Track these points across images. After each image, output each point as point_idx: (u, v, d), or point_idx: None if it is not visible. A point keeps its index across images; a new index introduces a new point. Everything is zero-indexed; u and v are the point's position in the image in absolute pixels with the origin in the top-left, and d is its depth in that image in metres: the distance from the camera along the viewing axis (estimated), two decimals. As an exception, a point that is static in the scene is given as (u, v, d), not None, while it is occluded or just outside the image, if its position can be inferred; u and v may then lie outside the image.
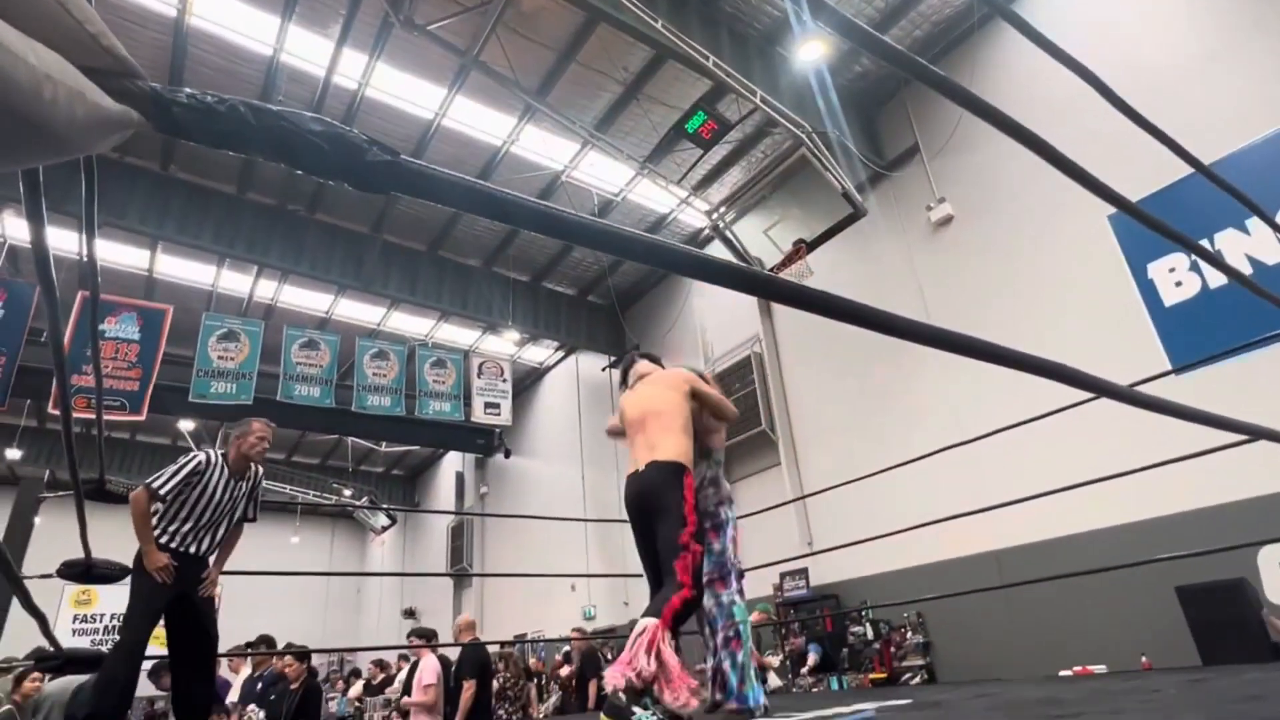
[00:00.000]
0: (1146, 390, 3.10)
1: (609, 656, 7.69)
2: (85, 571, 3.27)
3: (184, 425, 14.57)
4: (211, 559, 3.26)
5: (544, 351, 14.56)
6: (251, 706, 5.43)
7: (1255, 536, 3.98)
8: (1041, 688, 2.96)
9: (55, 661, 3.26)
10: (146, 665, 3.84)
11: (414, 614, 17.56)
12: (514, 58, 7.51)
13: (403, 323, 12.92)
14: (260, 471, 3.47)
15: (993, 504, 4.28)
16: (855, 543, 5.17)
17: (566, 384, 14.13)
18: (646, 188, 9.90)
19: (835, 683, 7.20)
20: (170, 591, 3.03)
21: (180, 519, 3.14)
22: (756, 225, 8.27)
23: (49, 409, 9.07)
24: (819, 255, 7.92)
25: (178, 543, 3.11)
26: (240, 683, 6.36)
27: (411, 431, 14.66)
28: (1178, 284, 6.01)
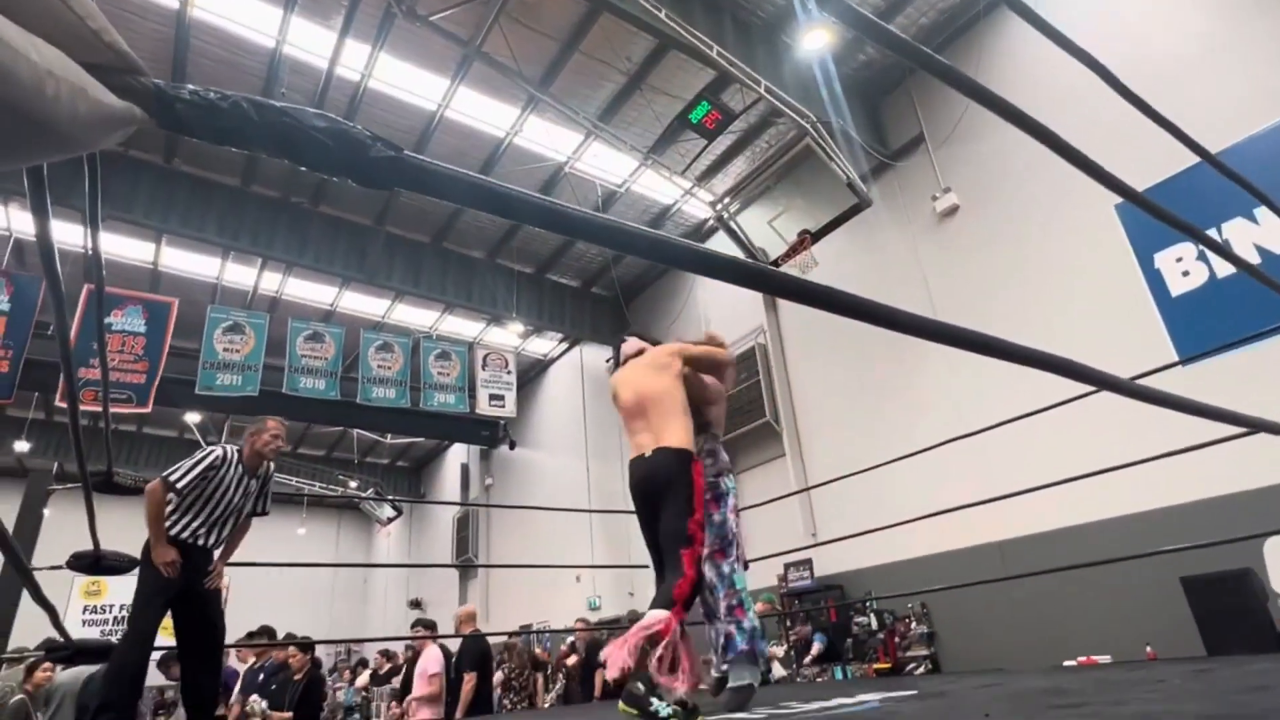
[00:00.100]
0: (1154, 381, 3.10)
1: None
2: (94, 563, 3.30)
3: (190, 418, 14.66)
4: (217, 552, 3.29)
5: (548, 343, 14.57)
6: (254, 696, 5.48)
7: (1261, 527, 3.97)
8: (1046, 678, 2.97)
9: (66, 652, 3.30)
10: (155, 655, 3.88)
11: (420, 604, 17.67)
12: (516, 48, 7.48)
13: (407, 315, 12.95)
14: (272, 468, 3.50)
15: (997, 495, 4.28)
16: (859, 534, 5.18)
17: (571, 376, 14.15)
18: (650, 179, 9.87)
19: (840, 673, 7.23)
20: (177, 583, 3.06)
21: (193, 512, 3.16)
22: (761, 216, 8.26)
23: (56, 402, 9.11)
24: (823, 246, 7.91)
25: (188, 535, 3.14)
26: (242, 673, 6.42)
27: (416, 423, 14.71)
28: (1185, 274, 5.98)
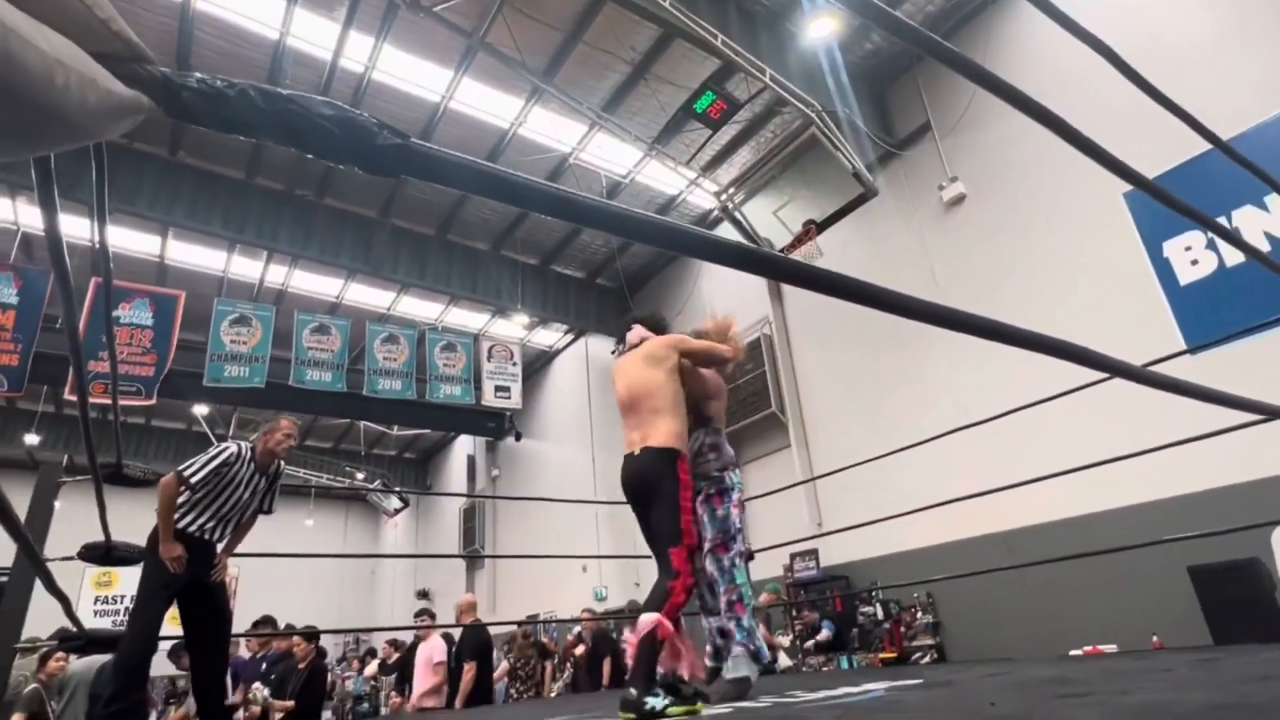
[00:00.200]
0: (1162, 370, 3.08)
1: (616, 636, 7.77)
2: (105, 554, 3.33)
3: (199, 410, 14.72)
4: (220, 546, 3.32)
5: (553, 334, 14.58)
6: (256, 684, 5.52)
7: (1269, 516, 3.95)
8: (1052, 667, 2.97)
9: (79, 642, 3.34)
10: (165, 645, 3.92)
11: (427, 595, 17.77)
12: (520, 38, 7.45)
13: (412, 307, 12.97)
14: (282, 467, 3.52)
15: (1003, 484, 4.27)
16: (865, 524, 5.18)
17: (576, 367, 14.15)
18: (655, 169, 9.84)
19: (845, 662, 7.26)
20: (182, 577, 3.10)
21: (202, 507, 3.19)
22: (766, 206, 8.21)
23: (66, 395, 9.17)
24: (829, 236, 7.86)
25: (195, 530, 3.17)
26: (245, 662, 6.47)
27: (422, 415, 14.72)
28: (1194, 262, 5.93)
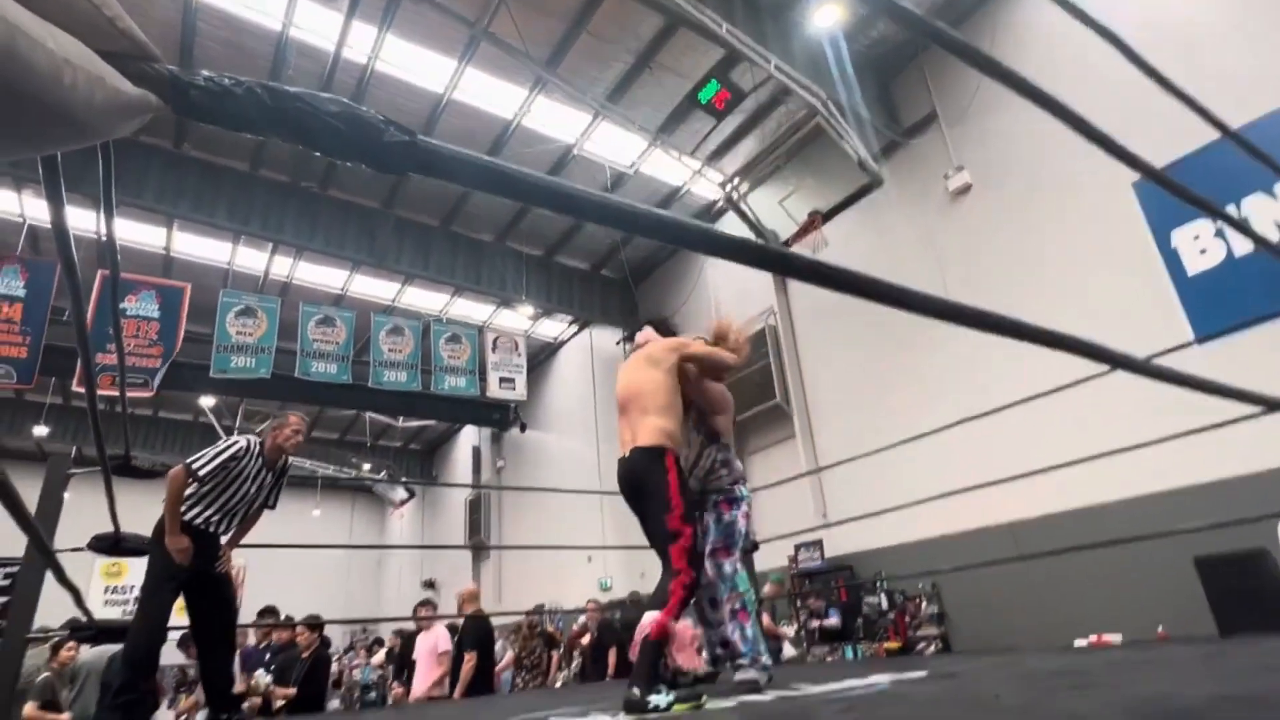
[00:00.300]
0: (1169, 360, 3.07)
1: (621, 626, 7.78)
2: (114, 545, 3.37)
3: (205, 401, 14.80)
4: (225, 538, 3.34)
5: (558, 326, 14.58)
6: (259, 671, 5.56)
7: (1276, 507, 3.95)
8: (1057, 658, 2.97)
9: (89, 632, 3.38)
10: (175, 635, 3.96)
11: (433, 585, 17.89)
12: (524, 28, 7.41)
13: (417, 298, 12.97)
14: (289, 462, 3.54)
15: (1008, 476, 4.27)
16: (870, 515, 5.19)
17: (581, 358, 14.17)
18: (659, 160, 9.80)
19: (850, 652, 7.28)
20: (189, 568, 3.12)
21: (208, 500, 3.21)
22: (771, 196, 8.19)
23: (74, 387, 9.22)
24: (834, 226, 7.84)
25: (201, 522, 3.19)
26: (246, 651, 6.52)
27: (428, 406, 14.79)
28: (1202, 251, 5.89)
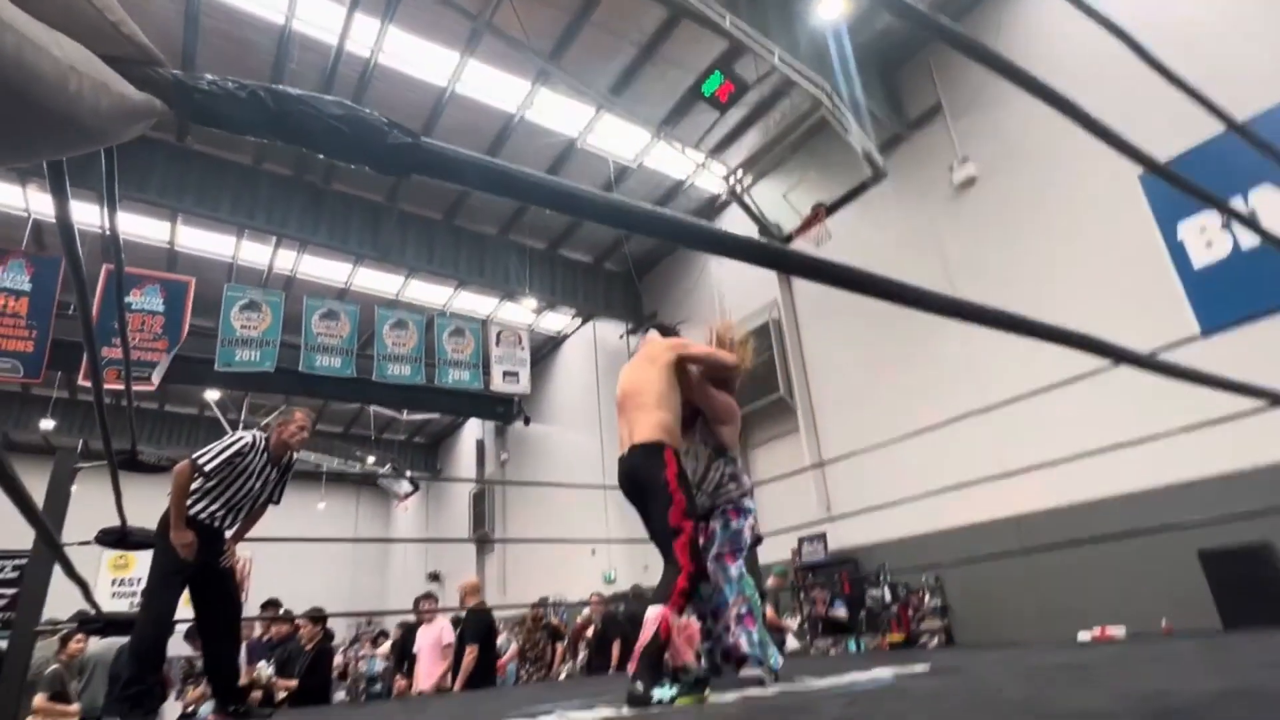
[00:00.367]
0: (1175, 353, 3.06)
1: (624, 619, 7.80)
2: (121, 539, 3.39)
3: (210, 395, 14.85)
4: (229, 533, 3.37)
5: (561, 319, 14.58)
6: (261, 663, 5.60)
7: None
8: (1061, 652, 2.98)
9: (97, 624, 3.40)
10: (182, 628, 3.99)
11: (438, 577, 17.96)
12: (526, 20, 7.38)
13: (421, 292, 12.99)
14: (294, 458, 3.55)
15: (1013, 469, 4.27)
16: (874, 508, 5.20)
17: (584, 351, 14.17)
18: (662, 153, 9.77)
19: (853, 644, 7.30)
20: (194, 562, 3.14)
21: (213, 495, 3.23)
22: (775, 189, 8.16)
23: (79, 380, 9.26)
24: (839, 218, 7.81)
25: (205, 517, 3.21)
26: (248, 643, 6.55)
27: (432, 400, 14.81)
28: (1208, 244, 5.86)
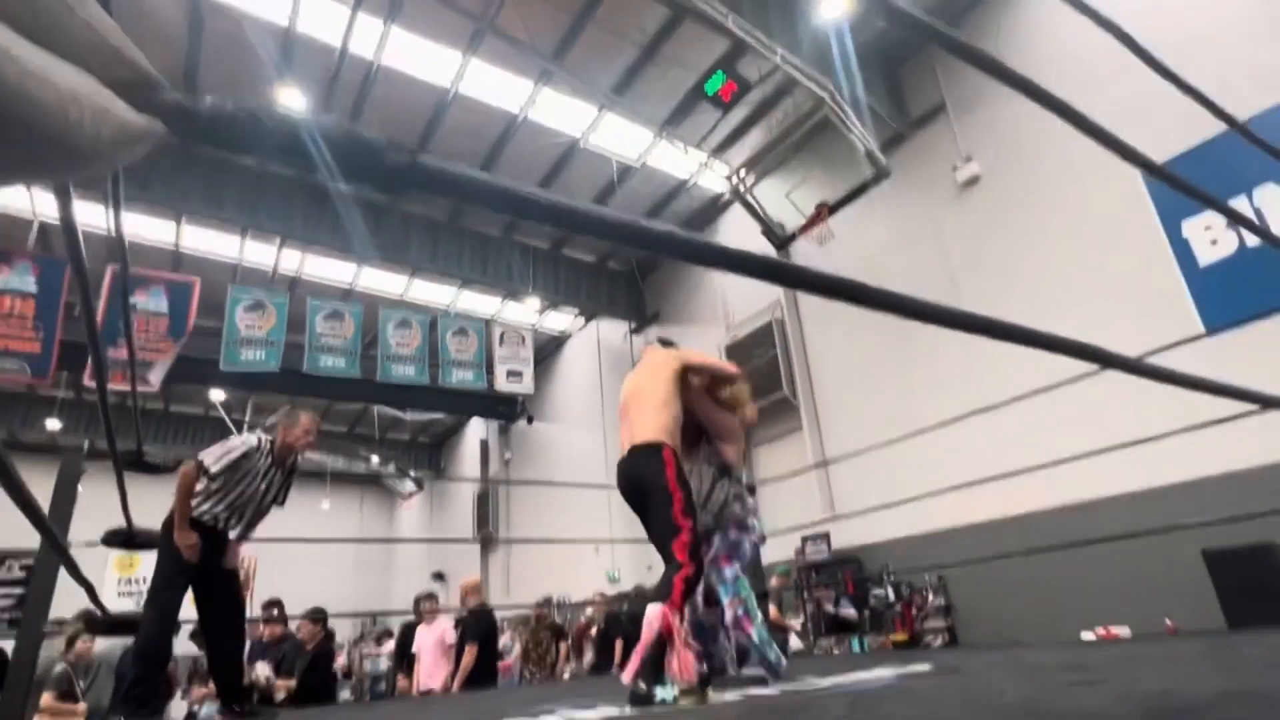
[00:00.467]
0: (1179, 352, 3.05)
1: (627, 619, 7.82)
2: (127, 539, 3.41)
3: (215, 395, 14.90)
4: (233, 534, 3.38)
5: (565, 319, 14.60)
6: (260, 664, 5.61)
7: (1286, 501, 3.92)
8: (1063, 653, 2.98)
9: (103, 625, 3.42)
10: (189, 628, 4.01)
11: (443, 577, 18.00)
12: (529, 20, 7.39)
13: (424, 292, 13.01)
14: (299, 461, 3.56)
15: (1017, 468, 4.27)
16: (878, 508, 5.19)
17: (587, 351, 14.19)
18: (665, 152, 9.77)
19: (856, 644, 7.30)
20: (197, 563, 3.16)
21: (217, 497, 3.24)
22: (778, 188, 8.15)
23: (85, 381, 9.30)
24: (842, 217, 7.79)
25: (209, 518, 3.23)
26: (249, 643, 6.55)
27: (435, 400, 14.84)
28: (1213, 242, 5.83)
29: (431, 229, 11.05)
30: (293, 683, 5.45)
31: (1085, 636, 5.77)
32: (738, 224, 9.69)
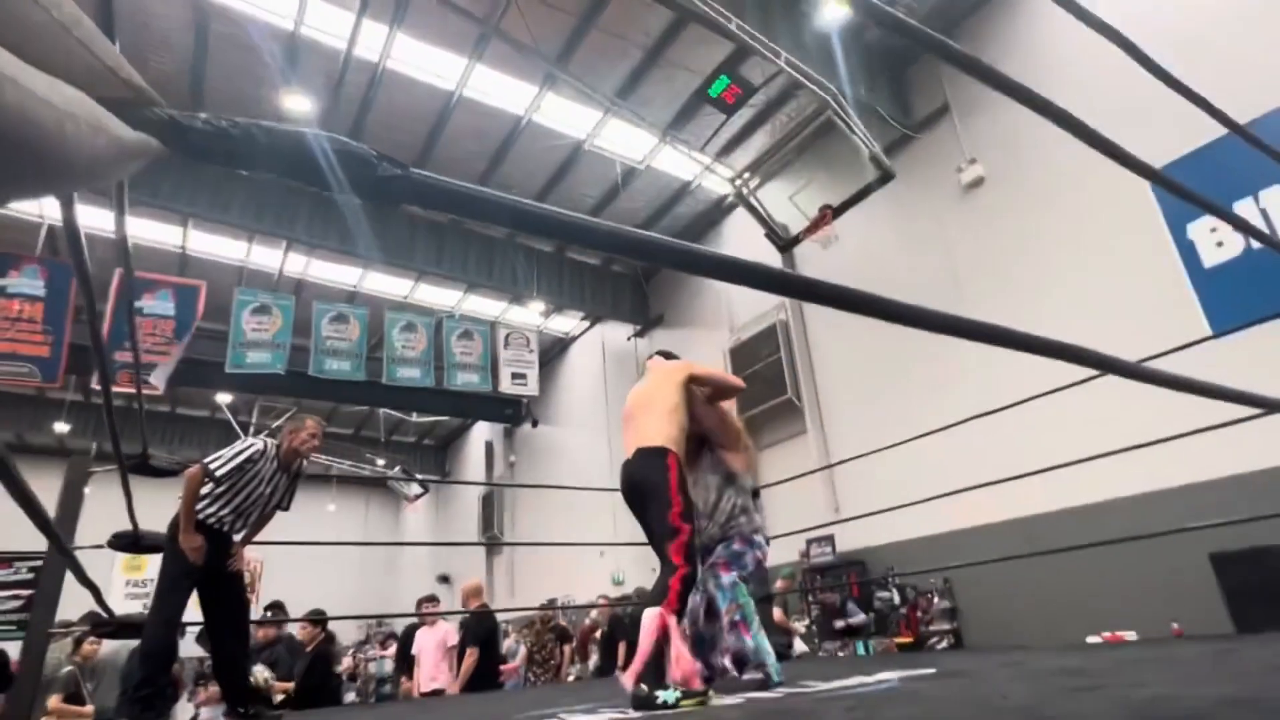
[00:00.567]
0: (1186, 355, 3.04)
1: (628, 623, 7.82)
2: (134, 542, 3.44)
3: (222, 398, 14.98)
4: (238, 537, 3.40)
5: (569, 321, 14.62)
6: (258, 666, 5.62)
7: (1293, 504, 3.89)
8: (1067, 656, 2.97)
9: (109, 628, 3.45)
10: (194, 630, 4.04)
11: (448, 579, 18.03)
12: (533, 24, 7.41)
13: (429, 295, 13.06)
14: (304, 465, 3.59)
15: (1022, 471, 4.25)
16: (883, 511, 5.18)
17: (592, 353, 14.20)
18: (669, 155, 9.79)
19: (861, 647, 7.28)
20: (202, 566, 3.18)
21: (223, 500, 3.27)
22: (782, 191, 8.15)
23: (92, 384, 9.37)
24: (846, 220, 7.78)
25: (215, 521, 3.25)
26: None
27: (440, 402, 14.89)
28: (1219, 244, 5.81)
29: (436, 232, 11.08)
30: (290, 685, 5.46)
31: (1091, 640, 5.74)
32: (742, 225, 9.69)
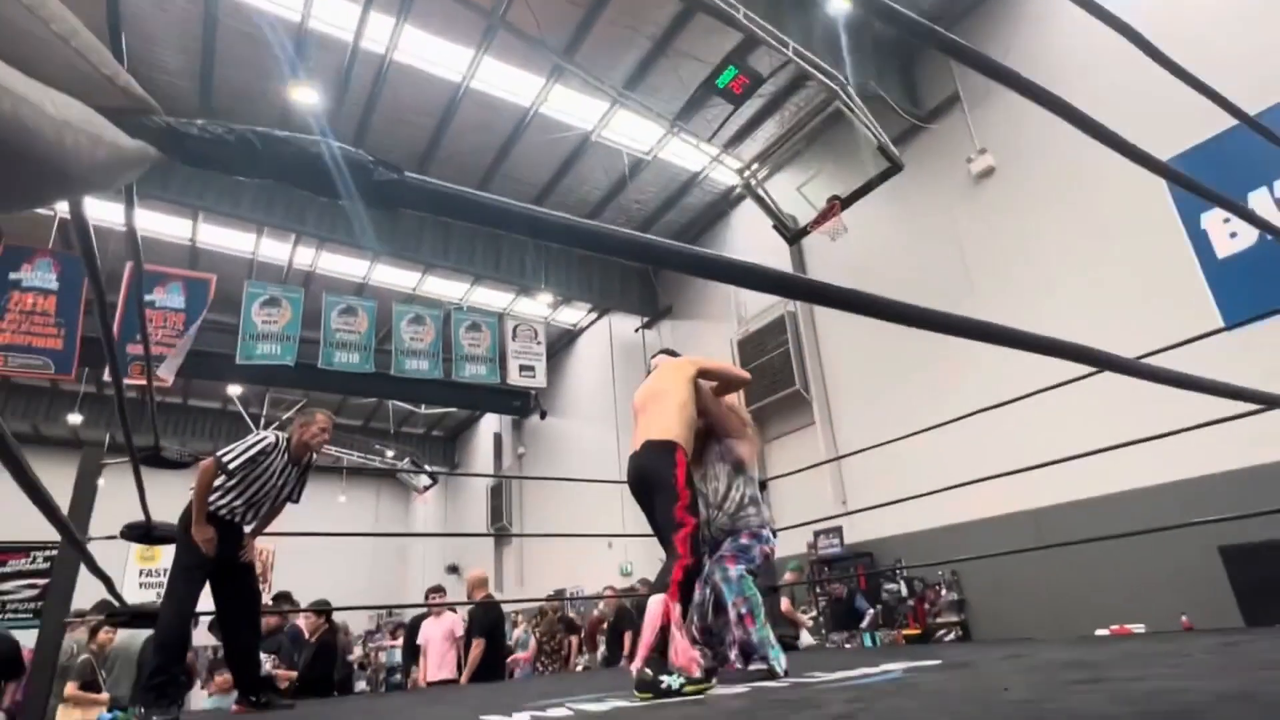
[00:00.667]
0: (1199, 347, 3.02)
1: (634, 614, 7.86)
2: (146, 533, 3.48)
3: (232, 390, 15.10)
4: (248, 529, 3.45)
5: (577, 313, 14.63)
6: (263, 655, 5.70)
7: (1304, 497, 3.87)
8: (1072, 649, 2.96)
9: (123, 617, 3.50)
10: (207, 620, 4.09)
11: (457, 569, 18.17)
12: (540, 16, 7.40)
13: (437, 287, 13.09)
14: (314, 459, 3.62)
15: (1031, 463, 4.23)
16: (890, 503, 5.17)
17: (600, 345, 14.22)
18: (677, 146, 9.75)
19: (868, 639, 7.29)
20: (214, 557, 3.22)
21: (235, 492, 3.31)
22: (790, 182, 8.13)
23: (104, 377, 9.47)
24: (855, 211, 7.75)
25: (226, 513, 3.30)
26: None
27: (449, 394, 14.95)
28: (1233, 235, 5.72)
29: (444, 224, 11.09)
30: (293, 674, 5.54)
31: (1099, 633, 5.72)
32: (750, 217, 9.66)
